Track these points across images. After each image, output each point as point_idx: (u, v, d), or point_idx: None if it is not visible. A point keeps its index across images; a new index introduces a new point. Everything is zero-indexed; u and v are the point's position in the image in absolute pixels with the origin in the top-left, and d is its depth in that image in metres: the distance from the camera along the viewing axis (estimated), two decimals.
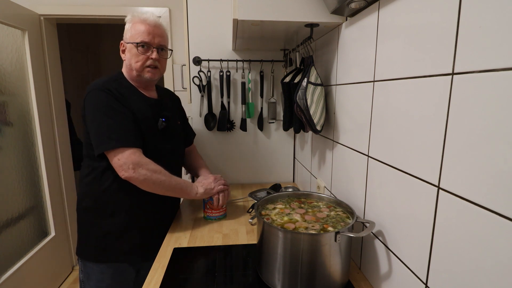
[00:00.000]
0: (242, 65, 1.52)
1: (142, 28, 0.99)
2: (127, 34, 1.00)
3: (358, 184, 0.85)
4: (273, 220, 0.79)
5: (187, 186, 1.03)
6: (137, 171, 0.91)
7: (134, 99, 1.01)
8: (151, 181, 0.94)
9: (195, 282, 0.80)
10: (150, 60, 1.00)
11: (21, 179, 1.81)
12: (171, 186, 0.98)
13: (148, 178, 0.93)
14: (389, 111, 0.67)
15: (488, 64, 0.41)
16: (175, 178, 1.00)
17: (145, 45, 0.99)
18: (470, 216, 0.45)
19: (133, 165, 0.91)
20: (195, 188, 1.05)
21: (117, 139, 0.91)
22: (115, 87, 0.98)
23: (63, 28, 2.91)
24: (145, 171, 0.92)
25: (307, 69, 0.99)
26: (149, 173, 0.93)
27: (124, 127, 0.93)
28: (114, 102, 0.94)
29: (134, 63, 1.00)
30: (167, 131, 1.08)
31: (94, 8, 2.02)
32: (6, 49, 1.70)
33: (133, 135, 0.94)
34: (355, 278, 0.80)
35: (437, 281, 0.53)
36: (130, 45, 1.00)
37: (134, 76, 1.03)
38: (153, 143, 1.03)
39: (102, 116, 0.92)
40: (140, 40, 0.98)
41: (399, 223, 0.64)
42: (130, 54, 1.00)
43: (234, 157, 1.63)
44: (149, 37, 0.99)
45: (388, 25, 0.67)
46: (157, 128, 1.05)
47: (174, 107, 1.21)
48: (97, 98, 0.94)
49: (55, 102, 2.12)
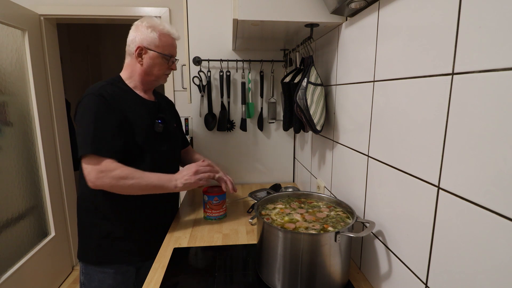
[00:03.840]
0: (242, 65, 1.52)
1: (170, 41, 1.05)
2: (154, 43, 1.01)
3: (358, 184, 0.85)
4: (273, 220, 0.79)
5: (162, 183, 0.97)
6: (101, 180, 0.90)
7: (131, 102, 1.02)
8: (118, 187, 0.92)
9: (195, 282, 0.80)
10: (169, 70, 1.09)
11: (21, 179, 1.81)
12: (143, 186, 0.95)
13: (114, 185, 0.91)
14: (389, 111, 0.67)
15: (488, 64, 0.41)
16: (146, 177, 0.95)
17: (170, 57, 1.06)
18: (470, 216, 0.45)
19: (96, 174, 0.90)
20: (173, 181, 0.99)
21: (90, 146, 0.90)
22: (112, 90, 0.98)
23: (63, 28, 2.91)
24: (109, 180, 0.90)
25: (307, 69, 0.99)
26: (114, 180, 0.91)
27: (101, 135, 0.92)
28: (103, 108, 0.94)
29: (157, 71, 1.05)
30: (164, 133, 1.10)
31: (94, 8, 2.02)
32: (6, 49, 1.70)
33: (107, 144, 0.93)
34: (355, 278, 0.80)
35: (437, 281, 0.53)
36: (155, 54, 1.02)
37: (149, 80, 1.06)
38: (150, 145, 1.04)
39: (86, 122, 0.93)
40: (169, 53, 1.05)
41: (399, 223, 0.64)
42: (152, 62, 1.03)
43: (234, 157, 1.63)
44: (175, 51, 1.08)
45: (388, 25, 0.67)
46: (154, 130, 1.06)
47: (170, 111, 1.23)
48: (87, 104, 0.95)
49: (55, 102, 2.12)
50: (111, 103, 0.96)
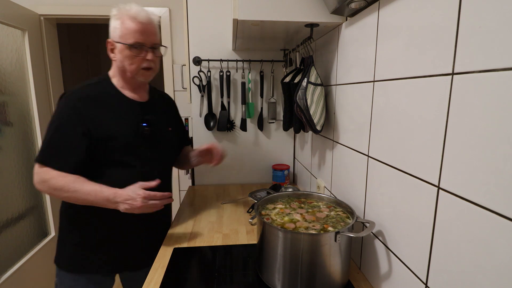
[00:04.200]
0: (242, 65, 1.52)
1: (133, 26, 0.88)
2: (116, 32, 0.90)
3: (358, 184, 0.85)
4: (273, 220, 0.79)
5: (99, 201, 0.86)
6: (41, 186, 0.88)
7: (115, 104, 0.95)
8: (57, 197, 0.89)
9: (195, 282, 0.80)
10: (145, 62, 0.92)
11: (21, 179, 1.81)
12: (80, 200, 0.87)
13: (52, 194, 0.89)
14: (389, 111, 0.67)
15: (488, 64, 0.41)
16: (83, 191, 0.86)
17: (139, 46, 0.90)
18: (470, 216, 0.45)
19: (37, 180, 0.88)
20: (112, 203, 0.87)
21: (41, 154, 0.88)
22: (93, 92, 0.93)
23: (63, 28, 2.91)
24: (47, 188, 0.87)
25: (307, 69, 0.99)
26: (51, 190, 0.87)
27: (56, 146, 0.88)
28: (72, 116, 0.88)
29: (128, 66, 0.92)
30: (151, 137, 0.99)
31: (94, 8, 2.02)
32: (6, 49, 1.70)
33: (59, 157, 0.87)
34: (355, 278, 0.80)
35: (437, 281, 0.53)
36: (121, 46, 0.90)
37: (128, 77, 0.96)
38: (132, 152, 0.94)
39: (49, 127, 0.89)
40: (133, 41, 0.89)
41: (399, 223, 0.64)
42: (121, 55, 0.91)
43: (234, 157, 1.62)
44: (142, 37, 0.90)
45: (388, 25, 0.67)
46: (139, 134, 0.96)
47: (166, 112, 1.12)
48: (58, 108, 0.90)
49: (55, 102, 2.11)
50: (85, 111, 0.89)
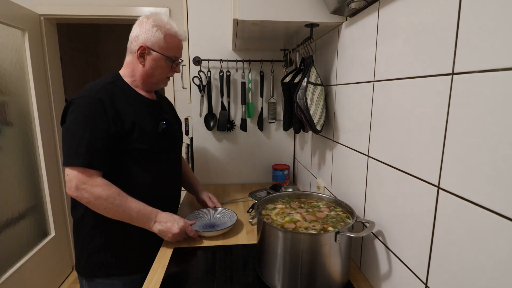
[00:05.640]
0: (242, 65, 1.52)
1: (176, 43, 0.97)
2: (158, 43, 0.93)
3: (358, 184, 0.85)
4: (273, 220, 0.79)
5: (138, 218, 0.90)
6: (79, 193, 0.84)
7: (133, 102, 0.96)
8: (94, 206, 0.86)
9: (195, 282, 0.80)
10: (173, 73, 1.02)
11: (21, 179, 1.81)
12: (119, 214, 0.87)
13: (91, 202, 0.85)
14: (389, 111, 0.67)
15: (488, 64, 0.41)
16: (127, 206, 0.87)
17: (176, 60, 0.99)
18: (470, 216, 0.45)
19: (77, 184, 0.83)
20: (151, 223, 0.92)
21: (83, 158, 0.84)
22: (110, 90, 0.91)
23: (63, 28, 2.91)
24: (88, 195, 0.84)
25: (307, 69, 0.99)
26: (92, 198, 0.84)
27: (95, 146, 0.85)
28: (99, 114, 0.86)
29: (159, 74, 0.98)
30: (168, 133, 1.04)
31: (94, 8, 2.02)
32: (6, 49, 1.70)
33: (100, 156, 0.86)
34: (355, 278, 0.80)
35: (437, 281, 0.53)
36: (158, 55, 0.95)
37: (150, 82, 0.99)
38: (155, 148, 0.98)
39: (78, 129, 0.85)
40: (172, 55, 0.97)
41: (399, 223, 0.64)
42: (155, 63, 0.95)
43: (234, 157, 1.63)
44: (180, 52, 1.00)
45: (388, 25, 0.67)
46: (157, 130, 0.99)
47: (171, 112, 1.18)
48: (81, 108, 0.87)
49: (55, 102, 2.13)
50: (109, 107, 0.88)
